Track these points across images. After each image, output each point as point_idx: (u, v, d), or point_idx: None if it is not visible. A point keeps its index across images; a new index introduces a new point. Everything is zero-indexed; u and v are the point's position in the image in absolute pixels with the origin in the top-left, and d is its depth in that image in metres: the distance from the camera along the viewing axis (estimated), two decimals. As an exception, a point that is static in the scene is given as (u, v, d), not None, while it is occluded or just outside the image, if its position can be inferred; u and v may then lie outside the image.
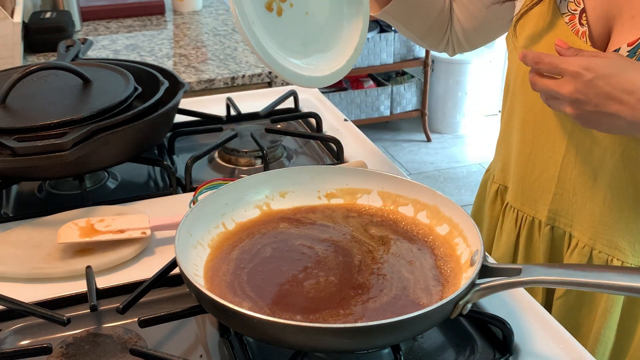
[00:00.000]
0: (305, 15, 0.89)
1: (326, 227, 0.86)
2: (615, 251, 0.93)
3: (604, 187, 0.91)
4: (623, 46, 0.84)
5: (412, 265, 0.79)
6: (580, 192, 0.94)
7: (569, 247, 0.98)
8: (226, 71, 1.79)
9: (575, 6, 0.90)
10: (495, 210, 1.11)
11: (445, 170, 3.48)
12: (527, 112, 0.98)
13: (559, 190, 0.97)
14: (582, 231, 0.96)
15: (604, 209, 0.92)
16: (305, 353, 0.70)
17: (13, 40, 1.65)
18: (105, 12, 2.20)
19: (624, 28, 0.86)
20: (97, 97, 1.05)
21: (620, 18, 0.86)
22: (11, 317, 0.80)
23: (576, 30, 0.89)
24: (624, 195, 0.90)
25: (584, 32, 0.89)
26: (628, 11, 0.85)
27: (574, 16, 0.90)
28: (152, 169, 1.16)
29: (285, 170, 0.92)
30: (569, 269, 0.71)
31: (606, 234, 0.93)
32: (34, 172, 0.98)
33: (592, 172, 0.92)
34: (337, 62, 0.94)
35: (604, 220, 0.93)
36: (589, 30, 0.88)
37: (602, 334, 0.95)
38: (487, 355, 0.76)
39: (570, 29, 0.90)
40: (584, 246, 0.96)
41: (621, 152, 0.88)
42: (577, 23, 0.89)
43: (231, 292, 0.74)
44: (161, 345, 0.77)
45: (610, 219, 0.92)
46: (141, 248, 0.91)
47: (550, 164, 0.96)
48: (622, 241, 0.92)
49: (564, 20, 0.91)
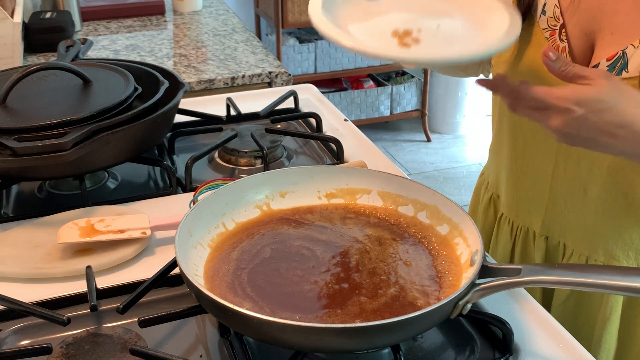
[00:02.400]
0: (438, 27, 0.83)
1: (324, 228, 0.86)
2: (610, 259, 0.94)
3: (595, 198, 0.92)
4: (602, 61, 0.85)
5: (412, 266, 0.79)
6: (572, 203, 0.95)
7: (563, 256, 0.99)
8: (226, 71, 1.79)
9: (554, 22, 0.91)
10: (488, 216, 1.12)
11: (445, 170, 3.48)
12: (516, 127, 0.99)
13: (551, 202, 0.97)
14: (576, 241, 0.97)
15: (596, 219, 0.93)
16: (305, 353, 0.70)
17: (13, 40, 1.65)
18: (105, 12, 2.20)
19: (604, 43, 0.86)
20: (97, 97, 1.05)
21: (600, 34, 0.87)
22: (11, 317, 0.80)
23: (556, 45, 0.90)
24: (614, 206, 0.91)
25: (564, 47, 0.89)
26: (607, 27, 0.86)
27: (553, 32, 0.91)
28: (152, 169, 1.16)
29: (285, 170, 0.92)
30: (568, 269, 0.71)
31: (600, 244, 0.94)
32: (34, 172, 0.98)
33: (581, 184, 0.93)
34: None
35: (597, 230, 0.94)
36: (568, 46, 0.89)
37: (604, 341, 0.96)
38: (487, 355, 0.76)
39: (550, 44, 0.91)
40: (579, 255, 0.97)
41: (608, 165, 0.89)
42: (557, 38, 0.90)
43: (232, 292, 0.74)
44: (161, 345, 0.77)
45: (603, 228, 0.93)
46: (141, 248, 0.91)
47: (541, 176, 0.97)
48: (616, 250, 0.93)
49: (544, 35, 0.91)
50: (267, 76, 1.80)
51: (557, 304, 1.00)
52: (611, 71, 0.84)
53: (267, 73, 1.79)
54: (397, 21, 0.82)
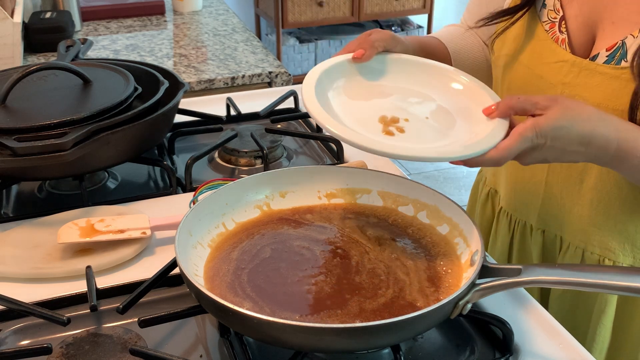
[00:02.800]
0: (426, 120, 0.85)
1: (323, 228, 0.86)
2: (607, 252, 0.94)
3: (590, 189, 0.92)
4: (602, 51, 0.86)
5: (412, 266, 0.79)
6: (568, 195, 0.95)
7: (560, 250, 0.99)
8: (226, 71, 1.79)
9: (554, 14, 0.91)
10: (486, 213, 1.12)
11: (445, 170, 3.48)
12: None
13: (547, 195, 0.97)
14: (573, 234, 0.97)
15: (592, 211, 0.93)
16: (305, 353, 0.70)
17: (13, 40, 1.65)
18: (105, 12, 2.20)
19: (604, 34, 0.87)
20: (97, 97, 1.05)
21: (601, 24, 0.87)
22: (11, 317, 0.80)
23: (556, 37, 0.91)
24: (610, 197, 0.91)
25: (564, 39, 0.90)
26: (609, 17, 0.86)
27: (553, 24, 0.91)
28: (152, 169, 1.16)
29: (285, 170, 0.92)
30: (568, 269, 0.71)
31: (596, 236, 0.94)
32: (34, 172, 0.98)
33: (577, 175, 0.93)
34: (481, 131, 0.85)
35: (593, 222, 0.94)
36: (568, 38, 0.90)
37: (598, 334, 0.96)
38: (487, 355, 0.76)
39: (550, 36, 0.91)
40: (576, 248, 0.97)
41: None
42: (557, 31, 0.91)
43: (232, 292, 0.74)
44: (161, 345, 0.77)
45: (598, 220, 0.93)
46: (141, 248, 0.91)
47: (538, 168, 0.97)
48: (612, 242, 0.94)
49: (544, 27, 0.92)
50: (267, 76, 1.80)
51: (555, 297, 1.01)
52: (610, 61, 0.85)
53: (267, 73, 1.79)
54: (388, 107, 0.85)
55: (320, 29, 3.58)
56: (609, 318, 0.96)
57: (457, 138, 0.81)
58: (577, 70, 0.88)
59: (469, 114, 0.85)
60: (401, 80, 0.91)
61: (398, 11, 3.46)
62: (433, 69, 0.93)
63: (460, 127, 0.84)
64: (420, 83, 0.91)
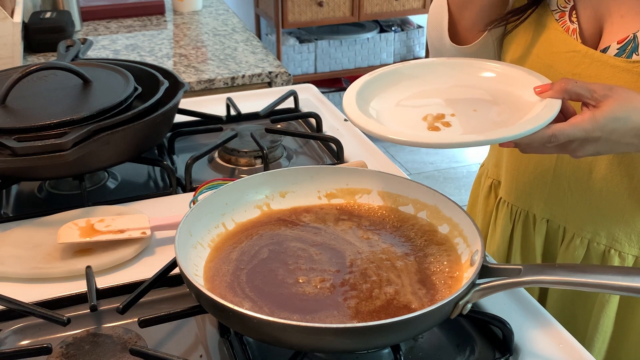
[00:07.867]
0: (474, 112, 0.85)
1: (320, 229, 0.86)
2: (613, 242, 0.94)
3: (600, 180, 0.92)
4: (613, 44, 0.86)
5: (412, 266, 0.79)
6: (576, 185, 0.95)
7: (563, 240, 0.99)
8: (226, 71, 1.79)
9: (565, 3, 0.91)
10: (489, 205, 1.12)
11: (445, 170, 3.48)
12: None
13: (555, 184, 0.97)
14: (579, 224, 0.96)
15: (600, 202, 0.93)
16: (305, 353, 0.70)
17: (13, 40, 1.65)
18: (105, 12, 2.20)
19: (613, 27, 0.86)
20: (97, 97, 1.05)
21: (610, 17, 0.87)
22: (11, 317, 0.80)
23: (566, 27, 0.90)
24: (619, 188, 0.91)
25: (575, 29, 0.89)
26: (617, 11, 0.86)
27: (563, 13, 0.91)
28: (152, 169, 1.16)
29: (285, 170, 0.92)
30: (568, 269, 0.71)
31: (603, 226, 0.94)
32: (34, 172, 0.98)
33: (587, 165, 0.93)
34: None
35: (600, 212, 0.93)
36: (579, 28, 0.89)
37: (601, 324, 0.96)
38: (487, 355, 0.76)
39: (560, 25, 0.90)
40: (581, 239, 0.96)
41: None
42: (568, 20, 0.90)
43: (231, 292, 0.74)
44: (161, 345, 0.77)
45: (606, 211, 0.93)
46: (141, 248, 0.91)
47: (545, 158, 0.97)
48: (619, 232, 0.93)
49: (554, 17, 0.91)
50: (267, 76, 1.80)
51: (555, 297, 1.01)
52: (621, 54, 0.84)
53: (267, 73, 1.79)
54: (431, 107, 0.86)
55: (320, 29, 3.58)
56: (609, 318, 0.95)
57: (507, 123, 0.81)
58: (589, 61, 0.88)
59: (513, 100, 0.85)
60: (435, 82, 0.91)
61: (398, 11, 3.46)
62: (461, 65, 0.93)
63: (507, 111, 0.83)
64: (454, 80, 0.91)
